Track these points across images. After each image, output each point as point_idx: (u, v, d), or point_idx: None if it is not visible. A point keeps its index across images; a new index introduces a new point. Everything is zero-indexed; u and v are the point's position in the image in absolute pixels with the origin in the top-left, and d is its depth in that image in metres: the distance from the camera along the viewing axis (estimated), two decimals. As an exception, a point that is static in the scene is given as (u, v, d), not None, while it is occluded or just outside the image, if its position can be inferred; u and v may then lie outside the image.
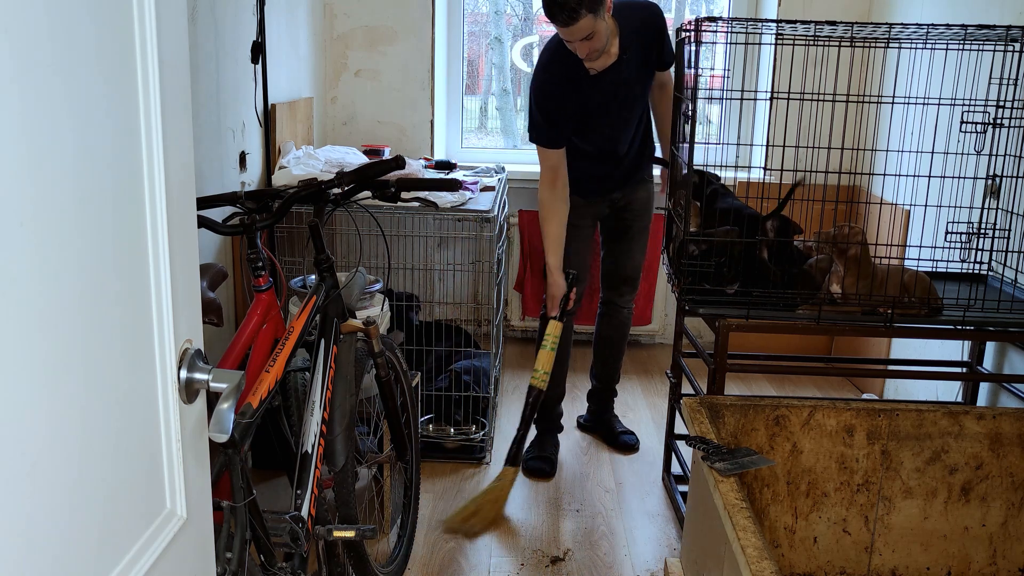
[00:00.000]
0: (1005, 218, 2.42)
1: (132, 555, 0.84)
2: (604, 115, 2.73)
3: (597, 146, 2.81)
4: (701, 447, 1.87)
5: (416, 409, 2.38)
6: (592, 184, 2.87)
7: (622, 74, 2.67)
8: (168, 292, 0.89)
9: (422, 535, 2.54)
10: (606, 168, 2.86)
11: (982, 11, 2.88)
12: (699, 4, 4.50)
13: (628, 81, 2.69)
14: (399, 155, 1.97)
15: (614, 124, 2.77)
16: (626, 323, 3.13)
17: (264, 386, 1.57)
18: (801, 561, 2.20)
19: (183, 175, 0.93)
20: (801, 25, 2.22)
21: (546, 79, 2.68)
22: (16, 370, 0.65)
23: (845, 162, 2.74)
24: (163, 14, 0.86)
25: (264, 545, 1.59)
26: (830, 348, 4.05)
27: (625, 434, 3.18)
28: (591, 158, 2.82)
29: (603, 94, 2.68)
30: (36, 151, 0.67)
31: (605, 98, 2.69)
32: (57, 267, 0.70)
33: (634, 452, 3.13)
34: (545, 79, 2.68)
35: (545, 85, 2.68)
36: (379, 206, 2.60)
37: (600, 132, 2.78)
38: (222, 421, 0.99)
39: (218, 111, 2.70)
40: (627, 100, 2.73)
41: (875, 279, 2.31)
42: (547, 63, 2.69)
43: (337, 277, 1.96)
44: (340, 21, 4.00)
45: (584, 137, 2.77)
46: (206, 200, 1.78)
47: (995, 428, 2.14)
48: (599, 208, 2.93)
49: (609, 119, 2.75)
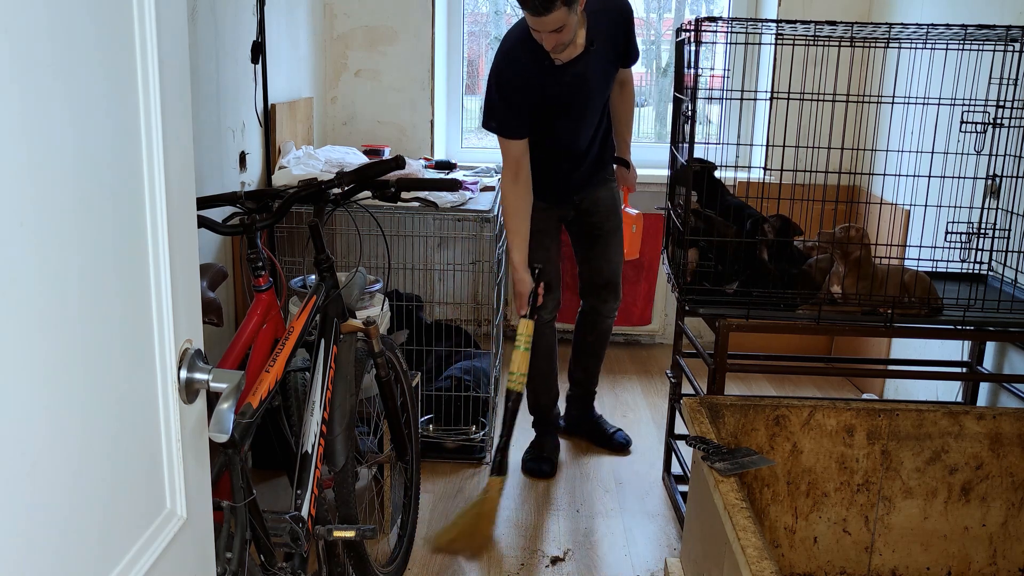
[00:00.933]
0: (1005, 218, 2.42)
1: (132, 555, 0.84)
2: (566, 107, 2.67)
3: (558, 141, 2.74)
4: (701, 447, 1.87)
5: (416, 409, 2.38)
6: (553, 186, 2.79)
7: (587, 66, 2.61)
8: (168, 292, 0.89)
9: (422, 535, 2.54)
10: (567, 166, 2.79)
11: (982, 11, 2.88)
12: (699, 4, 4.50)
13: (592, 74, 2.63)
14: (399, 155, 1.97)
15: (576, 117, 2.70)
16: (608, 331, 3.06)
17: (264, 386, 1.57)
18: (801, 561, 2.20)
19: (183, 175, 0.93)
20: (801, 25, 2.22)
21: (508, 66, 2.60)
22: (16, 370, 0.65)
23: (845, 162, 2.74)
24: (163, 14, 0.86)
25: (264, 545, 1.59)
26: (830, 348, 4.05)
27: (617, 432, 3.16)
28: (552, 155, 2.75)
29: (566, 85, 2.62)
30: (36, 151, 0.67)
31: (568, 89, 2.62)
32: (57, 267, 0.70)
33: (628, 450, 3.11)
34: (507, 66, 2.60)
35: (507, 72, 2.60)
36: (379, 206, 2.60)
37: (561, 125, 2.71)
38: (222, 421, 0.99)
39: (218, 111, 2.70)
40: (590, 94, 2.67)
41: (875, 279, 2.31)
42: (509, 50, 2.60)
43: (337, 277, 1.96)
44: (340, 21, 4.00)
45: (545, 130, 2.70)
46: (206, 200, 1.78)
47: (995, 428, 2.14)
48: (563, 212, 2.87)
49: (571, 111, 2.68)
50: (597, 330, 3.04)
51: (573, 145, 2.76)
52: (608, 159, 2.92)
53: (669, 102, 4.34)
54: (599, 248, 2.94)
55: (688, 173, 2.36)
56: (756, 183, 3.65)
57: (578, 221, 2.91)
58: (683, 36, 2.41)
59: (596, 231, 2.92)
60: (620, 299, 3.02)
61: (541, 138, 2.70)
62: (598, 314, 3.01)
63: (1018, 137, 2.30)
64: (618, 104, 2.91)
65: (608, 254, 2.94)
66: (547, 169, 2.75)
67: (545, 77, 2.59)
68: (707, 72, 3.19)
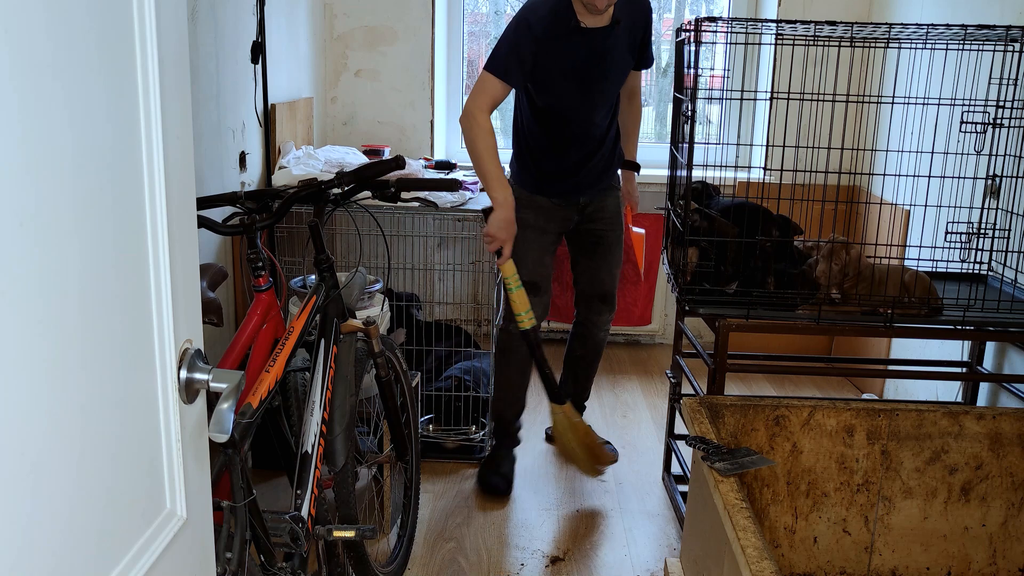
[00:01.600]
0: (1005, 218, 2.43)
1: (132, 555, 0.84)
2: (581, 78, 2.60)
3: (570, 124, 2.68)
4: (701, 447, 1.87)
5: (416, 409, 2.38)
6: (564, 178, 2.73)
7: (608, 40, 2.58)
8: (168, 292, 0.89)
9: (422, 535, 2.54)
10: (578, 156, 2.73)
11: (982, 11, 2.88)
12: (699, 4, 4.50)
13: (610, 51, 2.61)
14: (399, 155, 1.97)
15: (587, 92, 2.65)
16: (602, 344, 2.98)
17: (264, 386, 1.57)
18: (801, 561, 2.20)
19: (183, 175, 0.93)
20: (801, 25, 2.22)
21: (534, 14, 2.53)
22: (16, 370, 0.65)
23: (845, 162, 2.75)
24: (163, 14, 0.86)
25: (264, 545, 1.59)
26: (830, 348, 4.05)
27: (606, 444, 3.07)
28: (564, 140, 2.69)
29: (585, 54, 2.57)
30: (36, 151, 0.67)
31: (585, 59, 2.58)
32: (57, 267, 0.70)
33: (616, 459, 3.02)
34: (532, 15, 2.53)
35: (531, 18, 2.53)
36: (379, 206, 2.60)
37: (573, 101, 2.64)
38: (222, 421, 0.99)
39: (218, 111, 2.70)
40: (606, 71, 2.63)
41: (874, 282, 2.31)
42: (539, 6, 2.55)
43: (337, 277, 1.96)
44: (340, 21, 4.00)
45: (557, 105, 2.65)
46: (206, 200, 1.78)
47: (995, 428, 2.14)
48: (568, 213, 2.78)
49: (584, 85, 2.63)
50: (591, 343, 2.96)
51: (585, 132, 2.70)
52: (616, 164, 2.87)
53: (669, 102, 4.35)
54: (599, 258, 2.87)
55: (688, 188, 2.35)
56: (756, 183, 3.65)
57: (580, 228, 2.85)
58: (683, 36, 2.41)
59: (598, 239, 2.85)
60: (615, 311, 2.95)
61: (553, 119, 2.66)
62: (592, 325, 2.93)
63: (1018, 137, 2.30)
64: (627, 115, 2.88)
65: (608, 264, 2.88)
66: (559, 157, 2.71)
67: (568, 39, 2.55)
68: (707, 72, 3.19)
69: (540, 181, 2.73)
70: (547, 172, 2.73)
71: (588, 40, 2.56)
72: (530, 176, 2.74)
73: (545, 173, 2.72)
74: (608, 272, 2.88)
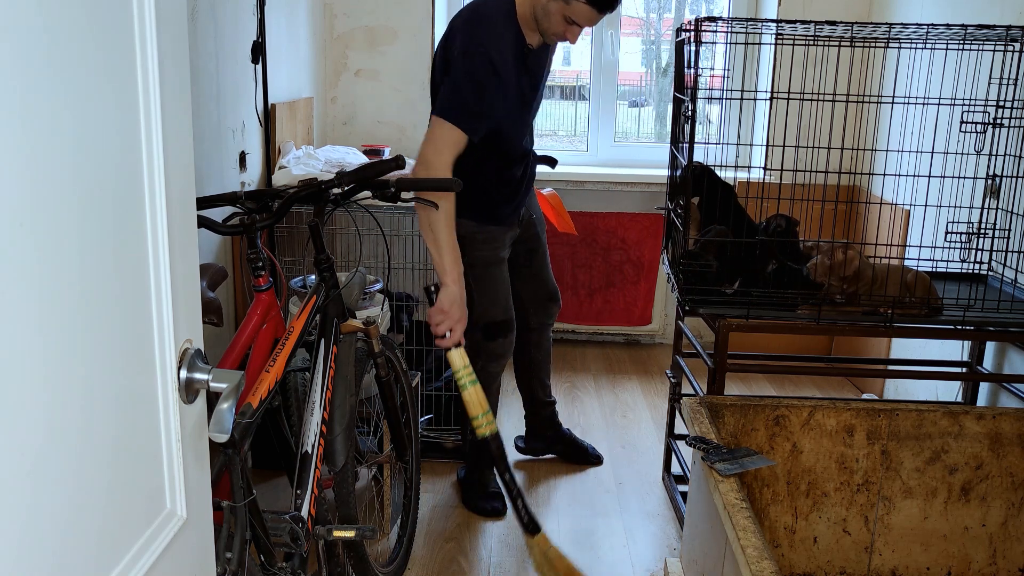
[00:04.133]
0: (1005, 218, 2.42)
1: (132, 555, 0.84)
2: (524, 100, 2.47)
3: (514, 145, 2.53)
4: (701, 447, 1.88)
5: (416, 409, 2.38)
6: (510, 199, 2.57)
7: (544, 55, 2.51)
8: (168, 292, 0.89)
9: (422, 535, 2.54)
10: (520, 172, 2.59)
11: (982, 11, 2.88)
12: (699, 4, 4.50)
13: (545, 65, 2.55)
14: (399, 155, 1.97)
15: (529, 109, 2.54)
16: (550, 339, 2.94)
17: (264, 386, 1.57)
18: (801, 561, 2.20)
19: (183, 175, 0.93)
20: (801, 25, 2.22)
21: (500, 60, 2.30)
22: (16, 370, 0.65)
23: (845, 162, 2.75)
24: (163, 14, 0.86)
25: (264, 545, 1.59)
26: (830, 348, 4.05)
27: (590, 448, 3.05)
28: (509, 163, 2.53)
29: (529, 77, 2.47)
30: (36, 151, 0.67)
31: (530, 82, 2.48)
32: (57, 267, 0.70)
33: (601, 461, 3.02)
34: (499, 59, 2.30)
35: (498, 65, 2.30)
36: (379, 206, 2.60)
37: (518, 122, 2.50)
38: (222, 421, 0.99)
39: (218, 111, 2.70)
40: (539, 85, 2.55)
41: (875, 283, 2.31)
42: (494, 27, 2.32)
43: (337, 277, 1.96)
44: (340, 21, 4.00)
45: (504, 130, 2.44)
46: (206, 200, 1.78)
47: (995, 428, 2.14)
48: (514, 232, 2.64)
49: (527, 105, 2.52)
50: (545, 343, 2.90)
51: (522, 146, 2.59)
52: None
53: (669, 102, 4.35)
54: (539, 258, 2.79)
55: (687, 181, 2.36)
56: (756, 183, 3.65)
57: (520, 239, 2.70)
58: (683, 36, 2.41)
59: (536, 242, 2.77)
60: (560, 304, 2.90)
61: (497, 143, 2.44)
62: (546, 327, 2.87)
63: (1018, 137, 2.30)
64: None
65: (547, 262, 2.84)
66: (504, 182, 2.54)
67: (522, 66, 2.43)
68: (707, 72, 3.18)
69: (491, 209, 2.54)
70: (497, 198, 2.54)
71: (532, 60, 2.46)
72: (479, 207, 2.50)
73: (495, 200, 2.54)
74: (548, 270, 2.85)
